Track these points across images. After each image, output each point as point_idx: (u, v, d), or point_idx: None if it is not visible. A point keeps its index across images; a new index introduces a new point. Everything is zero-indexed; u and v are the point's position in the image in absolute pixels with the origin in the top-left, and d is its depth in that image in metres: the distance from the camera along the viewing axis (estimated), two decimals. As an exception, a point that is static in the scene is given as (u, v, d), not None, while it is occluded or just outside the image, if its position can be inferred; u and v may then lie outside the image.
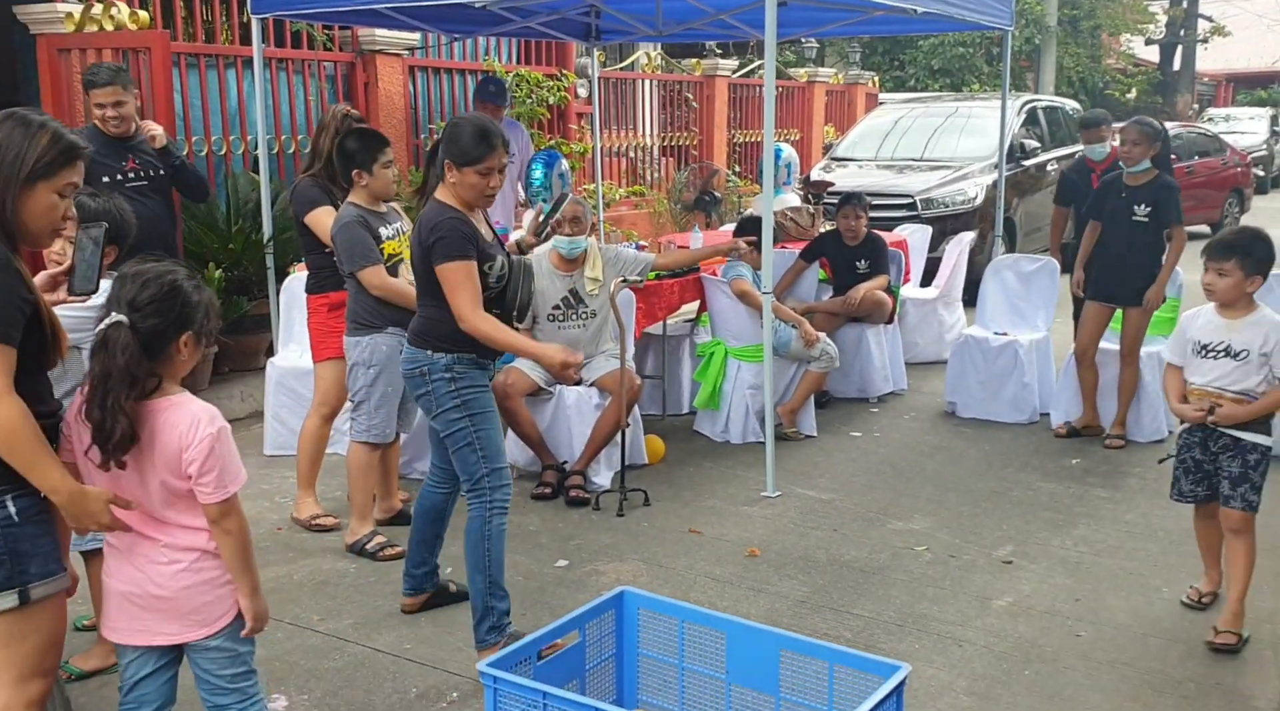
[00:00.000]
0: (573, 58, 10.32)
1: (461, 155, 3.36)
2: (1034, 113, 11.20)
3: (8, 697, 2.32)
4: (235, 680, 2.48)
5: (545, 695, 2.49)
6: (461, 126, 3.42)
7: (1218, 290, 3.71)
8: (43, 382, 2.38)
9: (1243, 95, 34.94)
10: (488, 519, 3.49)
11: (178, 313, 2.33)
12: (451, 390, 3.45)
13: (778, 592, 4.10)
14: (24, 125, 2.28)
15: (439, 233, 3.35)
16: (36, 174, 2.26)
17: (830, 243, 6.84)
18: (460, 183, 3.39)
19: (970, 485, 5.29)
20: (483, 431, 3.47)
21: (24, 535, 2.29)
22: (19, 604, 2.28)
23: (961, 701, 3.35)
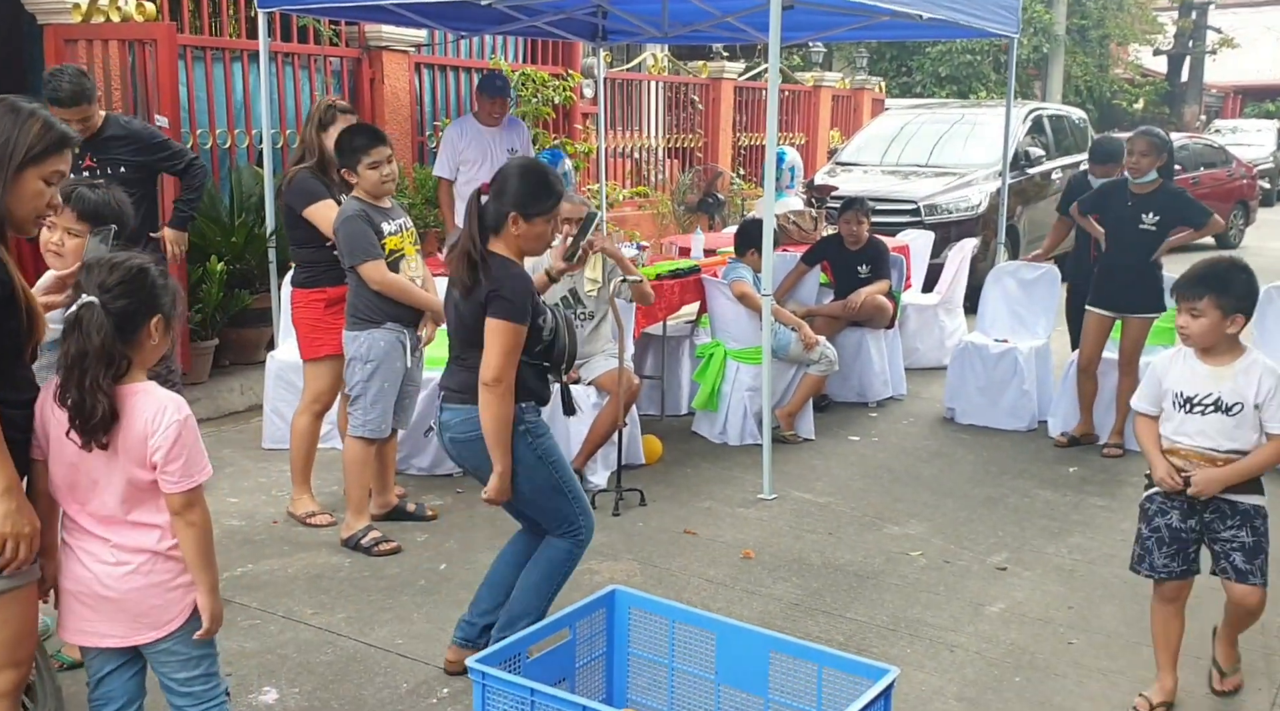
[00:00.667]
0: (579, 58, 10.32)
1: (535, 206, 3.20)
2: (1039, 121, 11.20)
3: None
4: (189, 682, 2.45)
5: (533, 692, 2.49)
6: (528, 174, 3.25)
7: (1192, 334, 3.18)
8: (21, 370, 2.35)
9: (1250, 107, 34.91)
10: (572, 549, 3.37)
11: (147, 294, 2.33)
12: (530, 443, 3.23)
13: (771, 595, 4.11)
14: (14, 112, 2.28)
15: (503, 292, 3.12)
16: (27, 161, 2.26)
17: (832, 246, 6.84)
18: (527, 233, 3.21)
19: (967, 491, 5.29)
20: (564, 472, 3.32)
21: None
22: None
23: (952, 706, 3.35)
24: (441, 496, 5.05)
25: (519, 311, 3.13)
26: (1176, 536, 3.26)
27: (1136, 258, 5.66)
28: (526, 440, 3.21)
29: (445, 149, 7.02)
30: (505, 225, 3.20)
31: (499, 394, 3.11)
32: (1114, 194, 5.81)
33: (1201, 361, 3.22)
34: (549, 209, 3.23)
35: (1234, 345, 3.21)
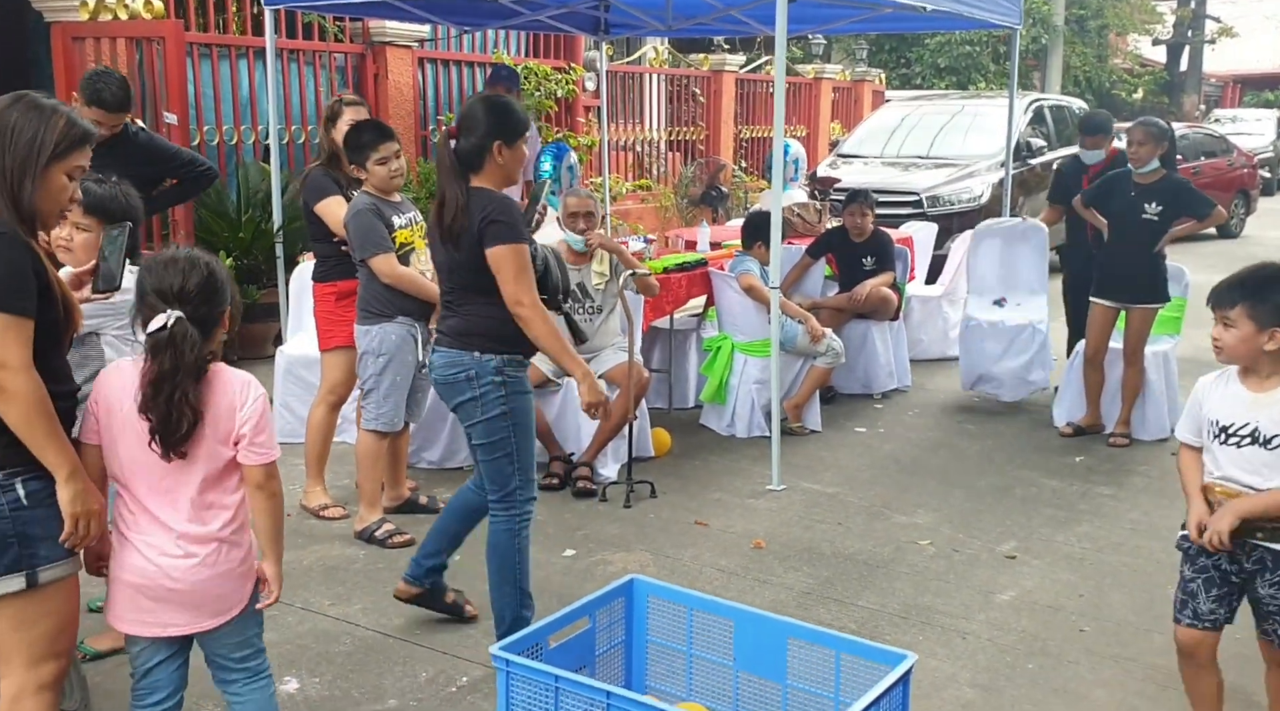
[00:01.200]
0: (581, 51, 10.35)
1: (514, 131, 3.29)
2: (1040, 112, 11.23)
3: (21, 680, 2.34)
4: (245, 660, 2.54)
5: (557, 678, 2.52)
6: (495, 105, 3.32)
7: (1225, 345, 2.84)
8: (59, 361, 2.40)
9: (1250, 97, 34.91)
10: (517, 531, 3.41)
11: (218, 292, 2.40)
12: (501, 395, 3.29)
13: (783, 584, 4.14)
14: (38, 109, 2.32)
15: (494, 215, 3.18)
16: (54, 157, 2.30)
17: (836, 239, 6.87)
18: (510, 159, 3.28)
19: (974, 481, 5.32)
20: (523, 441, 3.36)
21: (34, 518, 2.29)
22: (26, 587, 2.29)
23: (965, 693, 3.39)
24: (453, 489, 5.04)
25: (515, 231, 3.20)
26: (1227, 579, 2.84)
27: (1139, 248, 5.68)
28: (500, 391, 3.29)
29: None
30: (488, 157, 3.26)
31: (532, 313, 3.20)
32: (1117, 184, 5.84)
33: (1242, 385, 2.83)
34: (524, 130, 3.36)
35: (1277, 365, 2.79)
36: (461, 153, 3.27)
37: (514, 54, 9.80)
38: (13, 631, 2.31)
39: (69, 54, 6.41)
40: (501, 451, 3.35)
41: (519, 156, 3.34)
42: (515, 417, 3.34)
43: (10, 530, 2.26)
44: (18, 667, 2.33)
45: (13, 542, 2.27)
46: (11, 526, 2.26)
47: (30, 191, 2.29)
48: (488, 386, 3.28)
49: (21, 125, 2.28)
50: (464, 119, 3.31)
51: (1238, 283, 2.82)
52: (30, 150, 2.28)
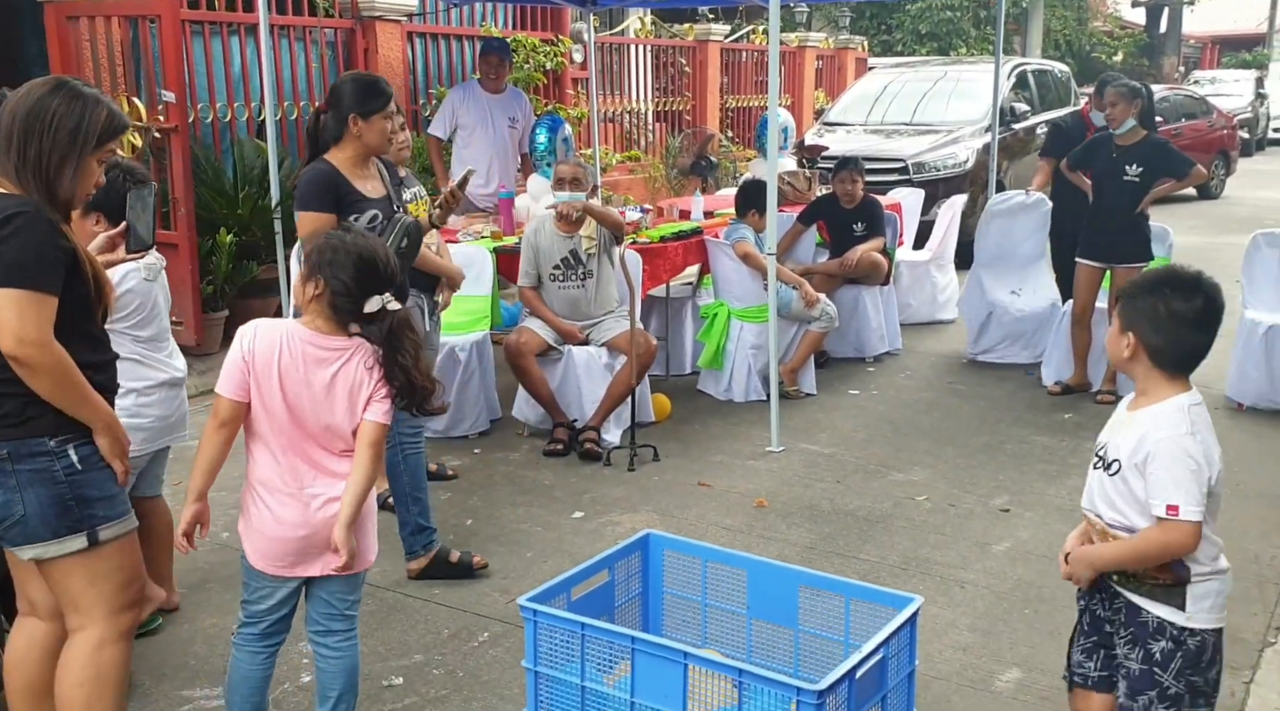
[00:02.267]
0: (568, 23, 10.38)
1: (368, 105, 3.60)
2: (1023, 76, 11.32)
3: (103, 630, 2.51)
4: (354, 606, 2.77)
5: (583, 626, 2.65)
6: (359, 80, 3.70)
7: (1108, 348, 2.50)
8: (94, 332, 2.50)
9: (1228, 58, 35.09)
10: (402, 457, 3.80)
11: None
12: None
13: (786, 540, 4.29)
14: (79, 97, 2.39)
15: (302, 178, 3.64)
16: (96, 145, 2.40)
17: (827, 206, 6.98)
18: (367, 132, 3.62)
19: (966, 439, 5.47)
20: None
21: (88, 481, 2.43)
22: (88, 545, 2.44)
23: (965, 637, 3.54)
24: (460, 457, 5.20)
25: (314, 199, 3.58)
26: (1099, 626, 2.51)
27: (1122, 208, 5.82)
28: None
29: (445, 109, 7.14)
30: (346, 130, 3.61)
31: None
32: (1100, 147, 5.98)
33: (1127, 403, 2.47)
34: (383, 106, 3.63)
35: (1157, 384, 2.35)
36: (325, 127, 3.66)
37: (501, 27, 9.83)
38: (89, 587, 2.47)
39: (63, 34, 6.42)
40: None
41: (376, 128, 3.63)
42: None
43: (68, 493, 2.40)
44: (99, 619, 2.50)
45: (71, 504, 2.40)
46: (69, 489, 2.40)
47: (70, 179, 2.38)
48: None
49: (63, 113, 2.36)
50: (330, 95, 3.70)
51: (1127, 283, 2.48)
52: (73, 139, 2.36)
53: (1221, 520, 4.38)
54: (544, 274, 5.37)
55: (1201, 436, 2.31)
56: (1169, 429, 2.29)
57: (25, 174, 2.34)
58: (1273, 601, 3.77)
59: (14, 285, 2.25)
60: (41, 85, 2.41)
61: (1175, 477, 2.26)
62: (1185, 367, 2.37)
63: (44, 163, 2.35)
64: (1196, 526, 2.27)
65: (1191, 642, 2.34)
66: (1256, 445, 5.37)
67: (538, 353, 5.27)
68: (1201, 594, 2.35)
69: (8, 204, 2.30)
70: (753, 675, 2.45)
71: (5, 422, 2.35)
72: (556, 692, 2.71)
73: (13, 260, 2.25)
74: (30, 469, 2.36)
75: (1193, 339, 2.34)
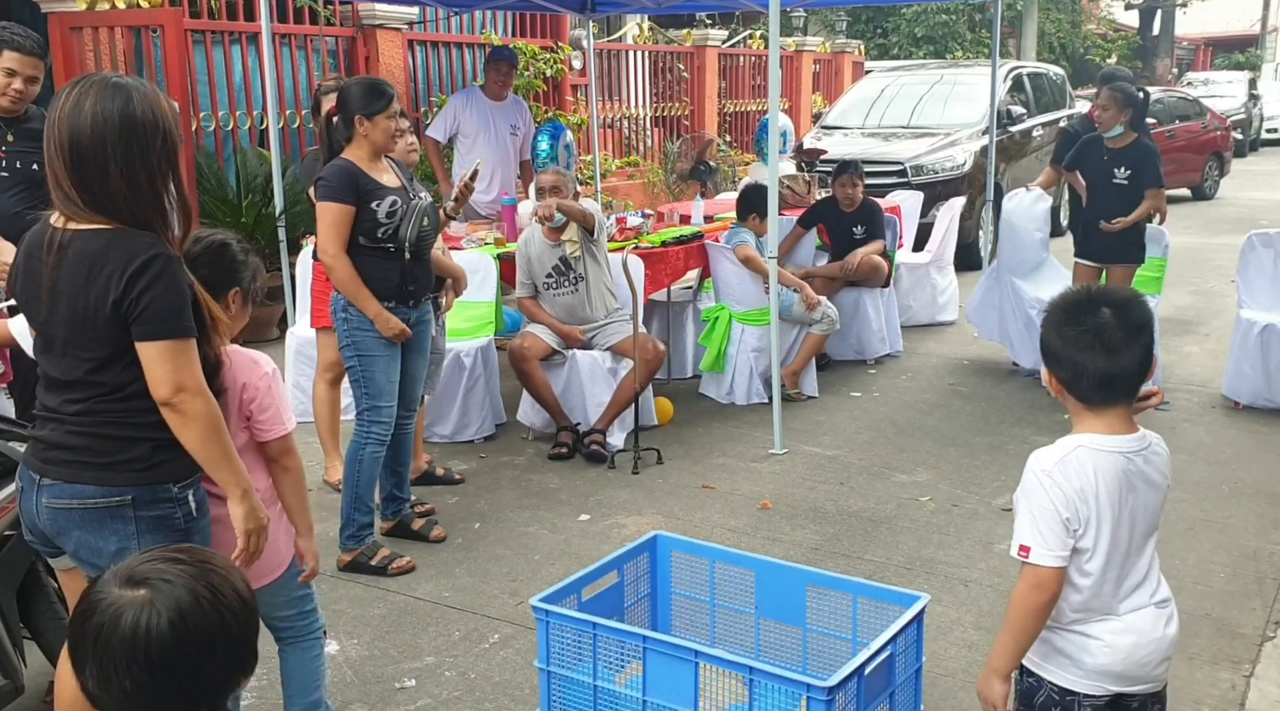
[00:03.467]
0: (567, 30, 10.44)
1: (370, 106, 3.81)
2: (1019, 79, 11.39)
3: None
4: (289, 619, 2.70)
5: (595, 625, 2.69)
6: (362, 83, 3.96)
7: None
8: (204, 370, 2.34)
9: (1221, 59, 35.21)
10: (363, 445, 3.99)
11: (225, 268, 2.52)
12: (345, 330, 3.93)
13: (791, 541, 4.33)
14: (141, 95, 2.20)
15: (322, 175, 3.84)
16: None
17: (827, 209, 7.03)
18: (372, 132, 3.83)
19: (968, 440, 5.52)
20: (369, 371, 3.95)
21: (198, 528, 2.36)
22: None
23: (970, 635, 3.59)
24: (466, 461, 5.24)
25: (331, 191, 3.79)
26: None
27: (1113, 211, 5.88)
28: (344, 327, 3.93)
29: (446, 114, 7.18)
30: (355, 130, 3.84)
31: (331, 261, 3.86)
32: (1091, 148, 6.04)
33: None
34: (385, 107, 3.84)
35: (1080, 417, 2.14)
36: (337, 129, 3.90)
37: (501, 34, 9.89)
38: None
39: (67, 44, 6.47)
40: (353, 376, 4.00)
41: (380, 128, 3.85)
42: (360, 350, 3.94)
43: (183, 541, 2.28)
44: None
45: None
46: (184, 538, 2.29)
47: (175, 194, 2.24)
48: (337, 320, 3.96)
49: (147, 118, 2.17)
50: (338, 98, 3.94)
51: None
52: (167, 144, 2.21)
53: (1219, 516, 4.49)
54: (539, 283, 5.41)
55: (1061, 481, 2.02)
56: (1033, 464, 2.08)
57: (136, 202, 2.17)
58: (1271, 596, 3.82)
59: (165, 337, 2.16)
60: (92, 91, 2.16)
61: (1028, 517, 2.05)
62: (1105, 397, 2.07)
63: (154, 183, 2.19)
64: (1053, 572, 2.02)
65: (1026, 681, 2.19)
66: (1253, 443, 5.42)
67: (541, 357, 5.31)
68: (1054, 643, 2.12)
69: (138, 246, 2.16)
70: (763, 672, 2.49)
71: (133, 467, 2.24)
72: (569, 692, 2.75)
73: (162, 310, 2.15)
74: (152, 515, 2.27)
75: (1096, 363, 2.04)
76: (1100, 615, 2.11)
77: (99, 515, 2.25)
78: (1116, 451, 2.06)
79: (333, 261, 3.86)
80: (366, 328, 3.91)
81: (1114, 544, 2.07)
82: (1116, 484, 2.06)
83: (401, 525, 4.35)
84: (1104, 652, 2.10)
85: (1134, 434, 2.10)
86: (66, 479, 2.26)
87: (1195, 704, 3.18)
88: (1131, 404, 2.11)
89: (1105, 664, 2.10)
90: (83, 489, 2.25)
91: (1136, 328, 2.05)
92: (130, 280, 2.14)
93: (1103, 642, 2.09)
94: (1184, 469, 5.02)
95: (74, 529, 2.28)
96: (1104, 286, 2.16)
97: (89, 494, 2.24)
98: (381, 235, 3.87)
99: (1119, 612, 2.11)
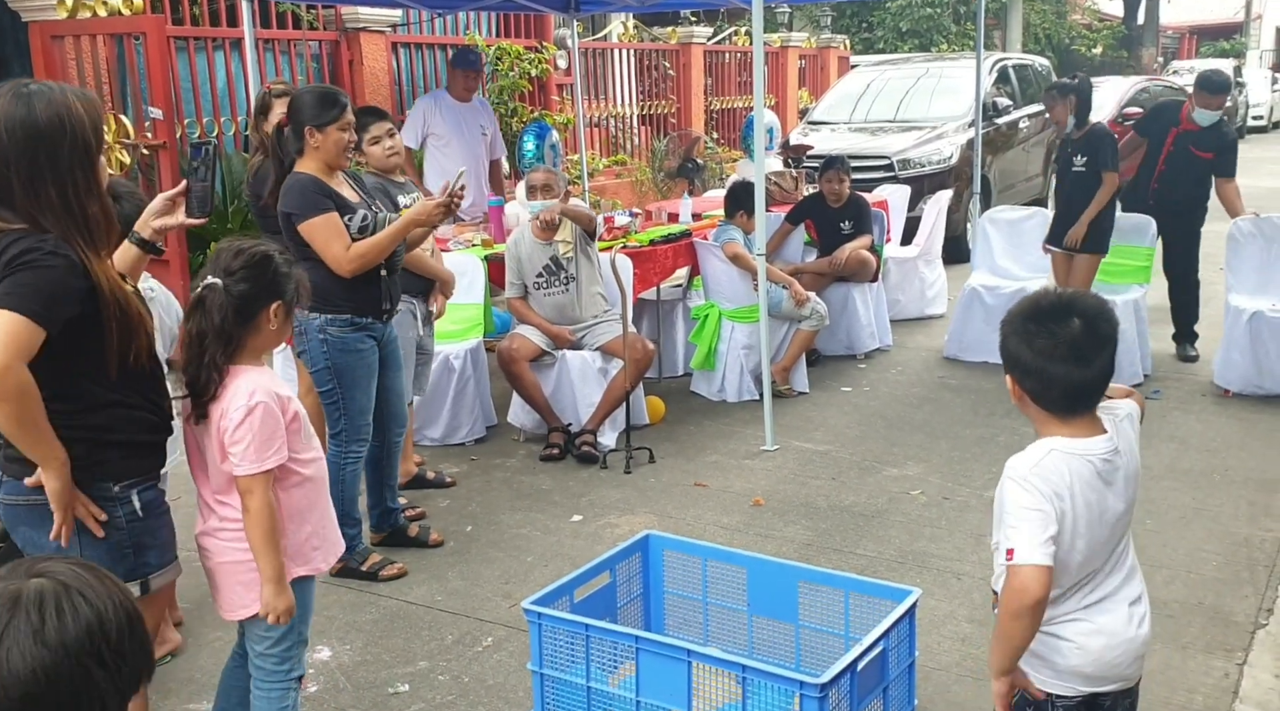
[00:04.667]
0: (551, 29, 10.43)
1: (319, 117, 3.64)
2: (1005, 71, 11.40)
3: None
4: (262, 657, 2.54)
5: (588, 627, 2.69)
6: (313, 92, 3.79)
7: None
8: (96, 368, 2.27)
9: (1206, 47, 35.31)
10: (342, 466, 3.91)
11: (269, 280, 2.41)
12: (324, 351, 3.78)
13: (784, 537, 4.33)
14: (44, 98, 2.17)
15: (289, 193, 3.66)
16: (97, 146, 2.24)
17: (815, 205, 7.03)
18: (324, 143, 3.66)
19: (958, 433, 5.53)
20: (349, 394, 3.85)
21: (147, 528, 2.37)
22: (140, 595, 2.34)
23: (963, 628, 3.59)
24: (457, 464, 5.23)
25: (314, 204, 3.62)
26: None
27: (1075, 199, 6.13)
28: (323, 348, 3.78)
29: (414, 119, 6.96)
30: (305, 142, 3.66)
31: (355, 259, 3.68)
32: (1065, 142, 6.30)
33: None
34: (337, 117, 3.67)
35: (1045, 424, 2.11)
36: (287, 140, 3.72)
37: (485, 35, 9.87)
38: None
39: (48, 53, 6.44)
40: (329, 400, 3.87)
41: (332, 139, 3.67)
42: (339, 373, 3.82)
43: (127, 541, 2.34)
44: None
45: (129, 552, 2.34)
46: (128, 537, 2.34)
47: (95, 194, 2.22)
48: (314, 343, 3.78)
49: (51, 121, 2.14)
50: (289, 109, 3.76)
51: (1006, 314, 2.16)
52: (76, 146, 2.18)
53: (1211, 504, 4.51)
54: (529, 283, 5.40)
55: (1039, 484, 2.00)
56: (1010, 471, 2.05)
57: (41, 212, 2.15)
58: (1263, 583, 3.83)
59: (6, 307, 2.11)
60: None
61: (1011, 521, 2.00)
62: (1073, 407, 2.06)
63: (65, 192, 2.16)
64: (1039, 570, 1.96)
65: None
66: (1244, 430, 5.44)
67: (531, 358, 5.30)
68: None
69: (28, 241, 2.14)
70: (756, 670, 2.49)
71: (73, 466, 2.25)
72: (563, 694, 2.75)
73: (11, 285, 2.12)
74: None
75: (1068, 374, 2.01)
76: (1072, 616, 2.11)
77: (41, 512, 2.29)
78: (1088, 454, 2.05)
79: (355, 259, 3.68)
80: (348, 349, 3.79)
81: (1089, 545, 2.07)
82: (1089, 486, 2.05)
83: (397, 533, 4.29)
84: (1075, 654, 2.09)
85: (1103, 435, 2.08)
86: (14, 475, 2.31)
87: (1189, 692, 3.19)
88: (1095, 408, 2.10)
89: (1076, 665, 2.10)
90: (25, 485, 2.30)
91: (1105, 337, 2.04)
92: (5, 265, 2.14)
93: (1074, 644, 2.09)
94: (1175, 457, 5.03)
95: (20, 524, 2.36)
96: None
97: (31, 489, 2.28)
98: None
99: (1091, 614, 2.11)
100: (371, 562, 4.04)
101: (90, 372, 2.27)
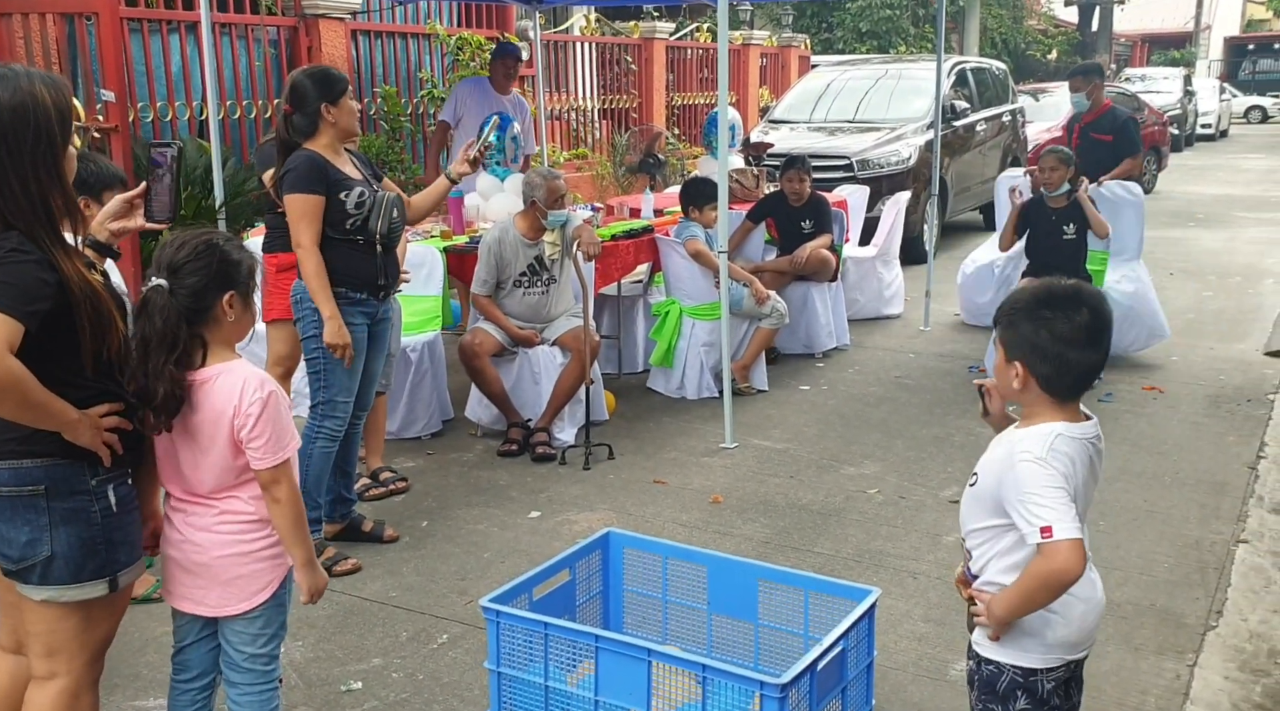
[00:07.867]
0: (513, 21, 10.36)
1: (335, 90, 3.78)
2: (963, 74, 11.49)
3: (79, 678, 2.35)
4: (254, 659, 2.48)
5: (547, 625, 2.66)
6: (313, 73, 3.85)
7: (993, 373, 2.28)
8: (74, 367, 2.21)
9: (1157, 55, 35.91)
10: (314, 439, 3.93)
11: (217, 271, 2.30)
12: (314, 320, 3.84)
13: (742, 535, 4.33)
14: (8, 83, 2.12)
15: (289, 167, 3.76)
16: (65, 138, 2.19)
17: (776, 204, 7.03)
18: (339, 115, 3.78)
19: (915, 432, 5.56)
20: (331, 365, 3.88)
21: (119, 524, 2.31)
22: (109, 592, 2.31)
23: (919, 627, 3.61)
24: (413, 458, 5.18)
25: (301, 182, 3.72)
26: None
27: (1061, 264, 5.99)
28: (314, 317, 3.84)
29: (454, 98, 7.26)
30: (320, 120, 3.77)
31: (303, 254, 3.78)
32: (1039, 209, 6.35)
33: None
34: (345, 88, 3.84)
35: (1043, 409, 2.16)
36: (297, 124, 3.80)
37: (447, 25, 9.78)
38: (83, 631, 2.32)
39: (-4, 32, 6.28)
40: (313, 369, 3.93)
41: (346, 111, 3.82)
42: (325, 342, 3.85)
43: (100, 537, 2.27)
44: (80, 664, 2.34)
45: (101, 549, 2.27)
46: (102, 533, 2.27)
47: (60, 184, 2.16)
48: (307, 310, 3.87)
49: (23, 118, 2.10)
50: (292, 93, 3.82)
51: (1003, 303, 2.23)
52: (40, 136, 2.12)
53: (1162, 506, 4.56)
54: (506, 281, 5.32)
55: (1057, 464, 2.07)
56: (1022, 454, 2.08)
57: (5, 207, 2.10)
58: (1213, 585, 3.88)
59: None
60: None
61: (1039, 499, 2.03)
62: (1077, 392, 2.16)
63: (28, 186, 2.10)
64: (1077, 544, 2.01)
65: (986, 670, 2.22)
66: (1193, 433, 5.52)
67: (492, 354, 5.25)
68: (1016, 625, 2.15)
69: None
70: (716, 670, 2.48)
71: (51, 443, 2.19)
72: (520, 693, 2.72)
73: None
74: (66, 507, 2.23)
75: (1083, 359, 2.12)
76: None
77: (13, 503, 2.22)
78: (1085, 438, 2.16)
79: (305, 254, 3.77)
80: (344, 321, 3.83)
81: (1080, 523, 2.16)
82: (1086, 468, 2.17)
83: (351, 527, 4.24)
84: (1061, 625, 2.17)
85: (1091, 420, 2.20)
86: None
87: (1141, 694, 3.22)
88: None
89: (1063, 636, 2.18)
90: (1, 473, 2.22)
91: (1107, 324, 2.16)
92: None
93: (1059, 616, 2.17)
94: (1127, 459, 5.09)
95: None
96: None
97: (5, 479, 2.21)
98: (350, 226, 3.81)
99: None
100: (325, 557, 3.98)
101: (66, 366, 2.21)
